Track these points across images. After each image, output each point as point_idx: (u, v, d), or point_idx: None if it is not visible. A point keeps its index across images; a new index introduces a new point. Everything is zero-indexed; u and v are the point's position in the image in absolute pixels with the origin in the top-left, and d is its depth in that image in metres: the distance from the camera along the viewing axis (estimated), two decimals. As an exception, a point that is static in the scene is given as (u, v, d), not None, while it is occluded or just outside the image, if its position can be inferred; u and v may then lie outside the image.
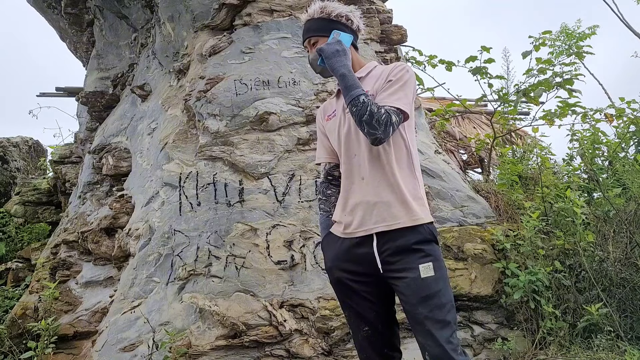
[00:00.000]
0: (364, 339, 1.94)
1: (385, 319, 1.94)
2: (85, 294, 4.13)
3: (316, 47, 2.03)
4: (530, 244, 3.61)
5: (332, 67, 1.92)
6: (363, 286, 1.91)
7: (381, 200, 1.87)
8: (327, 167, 2.17)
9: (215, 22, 4.27)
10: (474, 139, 6.12)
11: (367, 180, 1.91)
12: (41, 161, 7.54)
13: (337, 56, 1.92)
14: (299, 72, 4.03)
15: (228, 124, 3.87)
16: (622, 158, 4.94)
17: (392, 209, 1.85)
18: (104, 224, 4.29)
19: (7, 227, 5.86)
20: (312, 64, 2.07)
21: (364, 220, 1.88)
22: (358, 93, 1.83)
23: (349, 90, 1.85)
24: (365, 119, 1.78)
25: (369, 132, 1.79)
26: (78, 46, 6.07)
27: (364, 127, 1.80)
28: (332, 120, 2.11)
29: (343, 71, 1.89)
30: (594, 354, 3.16)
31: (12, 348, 3.64)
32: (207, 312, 3.33)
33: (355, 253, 1.91)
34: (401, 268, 1.81)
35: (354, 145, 1.96)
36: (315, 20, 2.05)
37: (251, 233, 3.58)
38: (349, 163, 1.98)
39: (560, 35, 9.09)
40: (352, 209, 1.92)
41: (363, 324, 1.93)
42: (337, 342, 3.35)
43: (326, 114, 2.17)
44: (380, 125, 1.78)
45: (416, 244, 1.82)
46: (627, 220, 3.95)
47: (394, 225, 1.83)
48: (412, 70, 2.01)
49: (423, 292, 1.76)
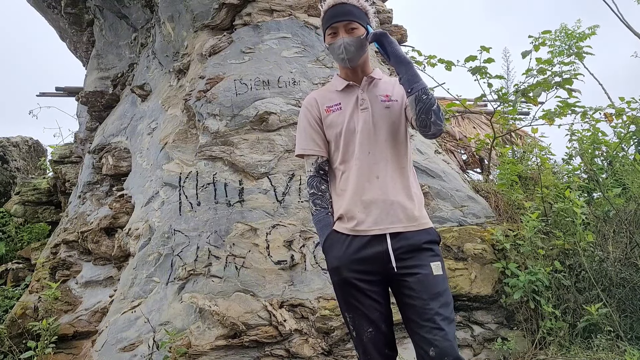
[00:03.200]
0: (369, 341, 1.93)
1: (387, 319, 1.95)
2: (85, 294, 4.13)
3: (354, 33, 2.00)
4: (530, 244, 3.61)
5: (399, 52, 1.92)
6: (370, 286, 1.90)
7: (397, 200, 1.90)
8: (319, 160, 2.07)
9: (215, 22, 4.27)
10: (473, 139, 6.13)
11: (382, 179, 1.92)
12: (41, 161, 7.55)
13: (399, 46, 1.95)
14: (298, 72, 4.03)
15: (228, 123, 3.87)
16: (622, 158, 4.94)
17: (408, 210, 1.90)
18: (103, 223, 4.30)
19: (7, 226, 5.86)
20: (346, 48, 1.98)
21: (380, 219, 1.89)
22: (426, 84, 1.86)
23: (419, 78, 1.86)
24: (435, 109, 1.81)
25: (436, 122, 1.83)
26: (78, 46, 6.07)
27: (432, 116, 1.82)
28: (334, 113, 2.04)
29: (409, 59, 1.92)
30: (594, 354, 3.16)
31: (12, 348, 3.64)
32: (207, 312, 3.33)
33: (365, 252, 1.89)
34: (413, 265, 1.85)
35: (371, 142, 1.95)
36: (354, 6, 2.03)
37: (251, 233, 3.58)
38: (362, 159, 1.95)
39: (560, 35, 9.10)
40: (367, 207, 1.91)
41: (367, 324, 1.92)
42: (337, 342, 3.35)
43: (325, 104, 2.08)
44: (443, 119, 1.85)
45: (427, 243, 1.88)
46: (627, 220, 3.95)
47: (410, 227, 1.89)
48: None
49: (435, 289, 1.81)
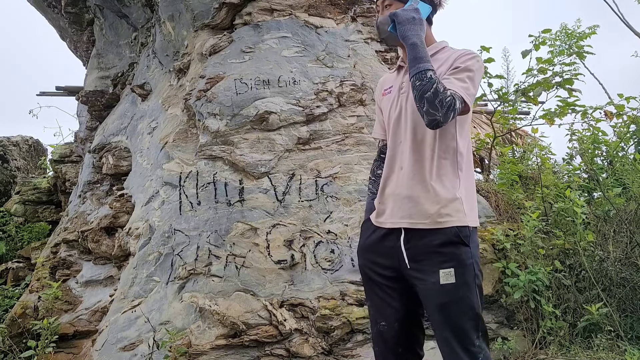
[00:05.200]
0: (379, 333, 1.88)
1: (401, 318, 1.84)
2: (85, 293, 4.13)
3: (389, 10, 1.87)
4: (531, 243, 3.61)
5: (404, 34, 1.73)
6: (385, 280, 1.84)
7: (412, 194, 1.77)
8: (380, 144, 2.08)
9: (216, 22, 4.27)
10: (474, 139, 6.12)
11: (405, 170, 1.81)
12: (41, 160, 7.55)
13: (411, 23, 1.74)
14: (299, 71, 4.03)
15: (228, 123, 3.87)
16: (622, 157, 4.94)
17: (421, 206, 1.75)
18: (104, 223, 4.29)
19: (7, 226, 5.86)
20: (380, 28, 1.90)
21: (394, 212, 1.82)
22: (426, 67, 1.65)
23: (417, 62, 1.67)
24: (428, 97, 1.61)
25: (428, 111, 1.63)
26: (78, 45, 6.07)
27: (424, 104, 1.63)
28: (387, 96, 1.98)
29: (415, 40, 1.71)
30: (594, 354, 3.16)
31: (12, 347, 3.65)
32: (207, 311, 3.33)
33: (383, 245, 1.85)
34: (422, 269, 1.73)
35: (402, 131, 1.85)
36: None
37: (251, 232, 3.58)
38: (393, 149, 1.88)
39: (560, 34, 9.10)
40: (387, 198, 1.86)
41: (380, 317, 1.87)
42: (337, 342, 3.35)
43: (383, 87, 2.03)
44: (442, 107, 1.61)
45: (440, 245, 1.71)
46: (627, 219, 3.95)
47: (418, 224, 1.75)
48: (482, 60, 1.86)
49: (440, 299, 1.69)
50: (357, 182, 3.74)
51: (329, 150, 3.87)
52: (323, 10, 4.30)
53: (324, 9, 4.31)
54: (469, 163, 1.85)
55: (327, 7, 4.33)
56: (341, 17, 4.36)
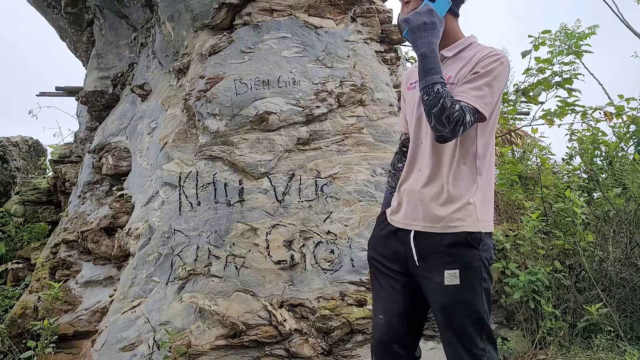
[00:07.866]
0: (377, 327, 1.87)
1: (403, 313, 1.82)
2: (85, 294, 4.13)
3: (408, 7, 1.80)
4: (530, 243, 3.61)
5: (414, 43, 1.68)
6: (391, 272, 1.84)
7: (425, 197, 1.75)
8: (402, 137, 2.06)
9: (215, 22, 4.27)
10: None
11: (422, 172, 1.79)
12: (41, 160, 7.55)
13: (422, 30, 1.66)
14: (299, 71, 4.03)
15: (228, 123, 3.87)
16: (622, 157, 4.95)
17: (432, 209, 1.73)
18: (103, 223, 4.29)
19: (6, 226, 5.86)
20: (400, 25, 1.83)
21: (407, 214, 1.81)
22: (434, 80, 1.61)
23: (426, 74, 1.64)
24: (435, 112, 1.59)
25: (436, 127, 1.61)
26: (78, 45, 6.07)
27: (431, 120, 1.62)
28: (410, 91, 1.94)
29: (424, 50, 1.65)
30: (594, 354, 3.16)
31: (12, 347, 3.64)
32: (206, 311, 3.33)
33: (392, 241, 1.85)
34: (428, 268, 1.73)
35: (423, 133, 1.82)
36: None
37: (251, 233, 3.58)
38: (414, 149, 1.85)
39: (560, 35, 9.09)
40: (402, 198, 1.85)
41: (379, 311, 1.86)
42: (337, 342, 3.35)
43: (409, 81, 1.97)
44: (450, 123, 1.58)
45: (448, 246, 1.70)
46: (627, 220, 3.95)
47: (429, 227, 1.73)
48: (508, 61, 1.76)
49: (443, 300, 1.69)
50: (357, 183, 3.74)
51: (328, 151, 3.87)
52: (323, 10, 4.30)
53: (323, 9, 4.30)
54: (490, 165, 1.80)
55: (327, 7, 4.32)
56: (341, 17, 4.35)
